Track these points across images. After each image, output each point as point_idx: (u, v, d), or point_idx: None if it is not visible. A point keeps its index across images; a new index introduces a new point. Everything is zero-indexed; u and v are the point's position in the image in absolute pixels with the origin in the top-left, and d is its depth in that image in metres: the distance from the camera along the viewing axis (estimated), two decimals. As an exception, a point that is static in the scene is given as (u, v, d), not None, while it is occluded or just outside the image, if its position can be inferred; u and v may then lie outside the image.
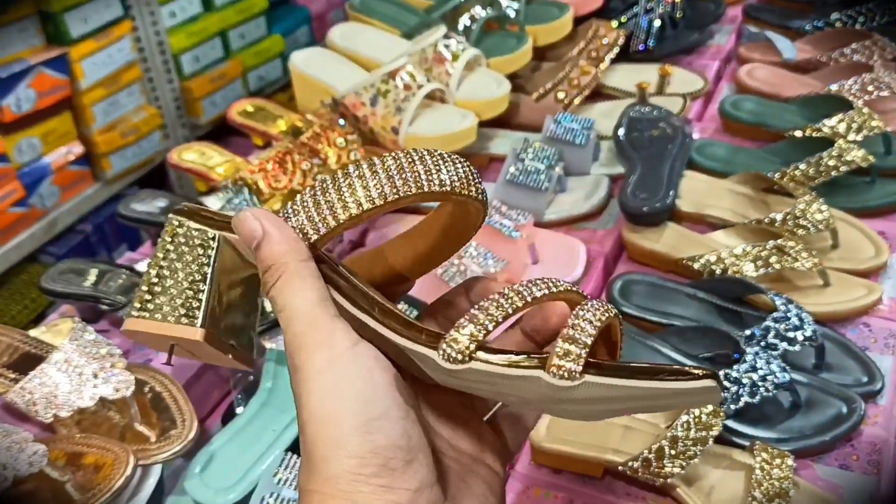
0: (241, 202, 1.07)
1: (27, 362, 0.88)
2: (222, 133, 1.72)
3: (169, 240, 0.47)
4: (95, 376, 0.84)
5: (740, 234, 1.09)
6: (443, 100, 1.27)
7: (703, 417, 0.81)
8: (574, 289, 0.45)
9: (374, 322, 0.44)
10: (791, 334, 0.90)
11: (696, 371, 0.39)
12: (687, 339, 0.95)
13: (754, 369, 0.86)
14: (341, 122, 1.19)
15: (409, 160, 0.44)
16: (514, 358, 0.41)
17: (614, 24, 1.49)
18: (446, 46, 1.29)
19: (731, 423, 0.85)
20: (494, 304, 0.43)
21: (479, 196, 0.46)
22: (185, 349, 0.49)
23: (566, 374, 0.40)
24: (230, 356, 0.48)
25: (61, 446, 0.82)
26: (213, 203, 1.13)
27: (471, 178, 0.46)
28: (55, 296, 1.01)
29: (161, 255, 0.47)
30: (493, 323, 0.42)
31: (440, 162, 0.45)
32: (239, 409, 0.94)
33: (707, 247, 1.07)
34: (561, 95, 1.36)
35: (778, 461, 0.80)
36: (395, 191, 0.43)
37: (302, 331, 0.41)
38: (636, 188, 1.13)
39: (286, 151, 1.14)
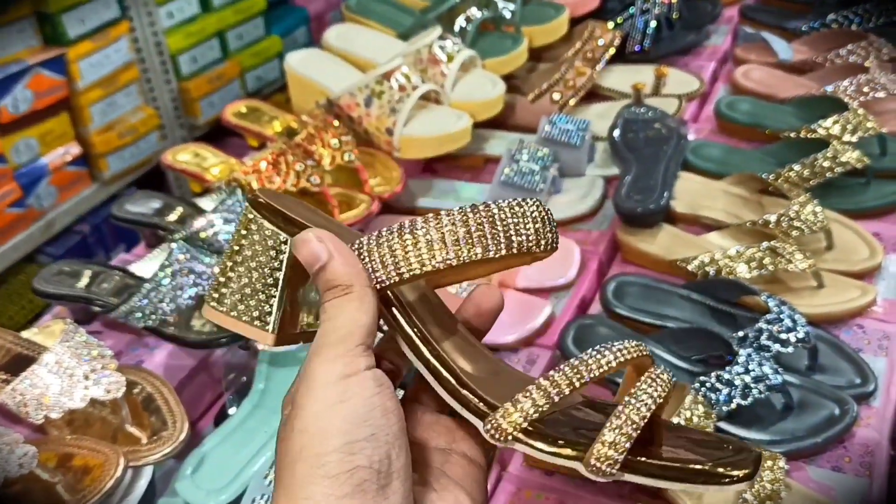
0: (235, 203, 1.07)
1: (19, 363, 0.88)
2: (220, 134, 1.72)
3: (244, 233, 0.49)
4: (86, 378, 0.84)
5: (735, 236, 1.08)
6: (438, 101, 1.27)
7: (695, 419, 0.81)
8: (643, 351, 0.47)
9: (428, 374, 0.46)
10: (784, 336, 0.90)
11: (733, 473, 0.41)
12: (680, 340, 0.95)
13: (747, 371, 0.86)
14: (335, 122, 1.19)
15: (490, 218, 0.44)
16: (557, 449, 0.43)
17: (610, 25, 1.49)
18: (441, 47, 1.29)
19: (723, 425, 0.85)
20: (552, 382, 0.45)
21: (554, 246, 0.48)
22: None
23: (601, 474, 0.43)
24: (301, 342, 0.50)
25: (52, 448, 0.82)
26: (207, 204, 1.13)
27: (547, 229, 0.47)
28: (47, 297, 1.01)
29: (236, 248, 0.49)
30: (548, 403, 0.44)
31: (520, 221, 0.45)
32: (231, 411, 0.94)
33: (701, 248, 1.07)
34: (556, 96, 1.36)
35: (770, 463, 0.79)
36: (471, 252, 0.44)
37: (332, 343, 0.43)
38: (631, 189, 1.13)
39: (280, 152, 1.14)
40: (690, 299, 1.01)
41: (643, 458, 0.43)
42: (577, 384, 0.45)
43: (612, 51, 1.42)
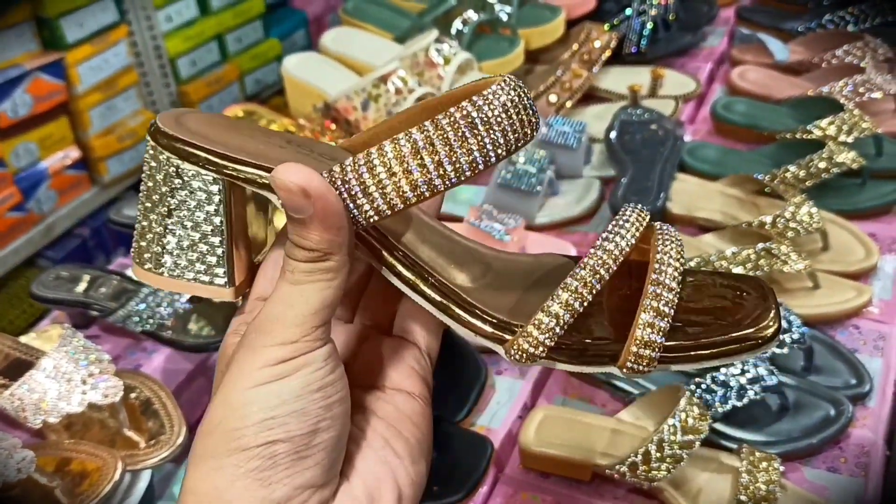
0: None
1: (17, 368, 0.89)
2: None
3: (159, 178, 0.42)
4: (84, 382, 0.85)
5: (731, 237, 1.09)
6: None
7: (690, 421, 0.81)
8: (645, 216, 0.46)
9: (433, 308, 0.43)
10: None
11: (763, 334, 0.42)
12: (676, 342, 0.95)
13: (742, 372, 0.86)
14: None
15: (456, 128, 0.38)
16: (584, 366, 0.42)
17: (607, 26, 1.49)
18: (438, 50, 1.29)
19: (718, 426, 0.85)
20: (573, 292, 0.41)
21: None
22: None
23: (639, 374, 0.41)
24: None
25: (50, 452, 0.83)
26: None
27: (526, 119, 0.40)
28: (46, 302, 1.01)
29: (155, 199, 0.42)
30: (572, 314, 0.41)
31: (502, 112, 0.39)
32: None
33: (697, 249, 1.07)
34: (553, 98, 1.36)
35: (765, 464, 0.80)
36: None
37: (279, 317, 0.38)
38: (627, 191, 1.14)
39: (278, 156, 1.14)
40: (686, 301, 1.01)
41: (675, 346, 0.41)
42: (598, 286, 0.42)
43: (608, 52, 1.43)
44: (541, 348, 0.41)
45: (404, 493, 0.41)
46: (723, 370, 0.87)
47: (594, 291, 0.42)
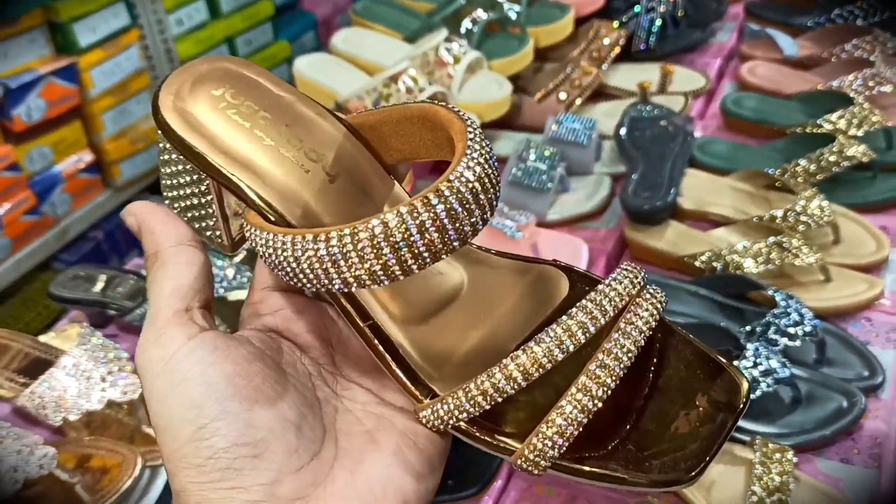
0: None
1: (37, 367, 0.90)
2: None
3: (164, 158, 0.45)
4: (103, 380, 0.86)
5: (742, 231, 1.09)
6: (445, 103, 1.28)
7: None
8: (636, 287, 0.41)
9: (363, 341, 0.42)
10: (791, 330, 0.91)
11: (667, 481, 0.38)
12: (688, 336, 0.96)
13: (755, 365, 0.87)
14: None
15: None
16: (492, 442, 0.40)
17: (616, 24, 1.50)
18: (448, 49, 1.30)
19: (731, 419, 0.86)
20: (505, 375, 0.39)
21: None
22: None
23: (530, 469, 0.40)
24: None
25: (70, 449, 0.84)
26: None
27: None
28: (63, 302, 1.02)
29: (166, 174, 0.45)
30: (489, 403, 0.39)
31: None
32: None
33: (708, 244, 1.08)
34: (563, 96, 1.37)
35: (778, 456, 0.80)
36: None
37: (146, 326, 0.39)
38: (638, 187, 1.14)
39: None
40: (698, 295, 1.02)
41: (577, 463, 0.39)
42: (537, 374, 0.39)
43: (617, 50, 1.43)
44: (453, 420, 0.40)
45: (409, 496, 0.40)
46: (735, 363, 0.87)
47: (529, 380, 0.39)
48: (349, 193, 0.45)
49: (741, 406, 0.39)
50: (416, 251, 0.35)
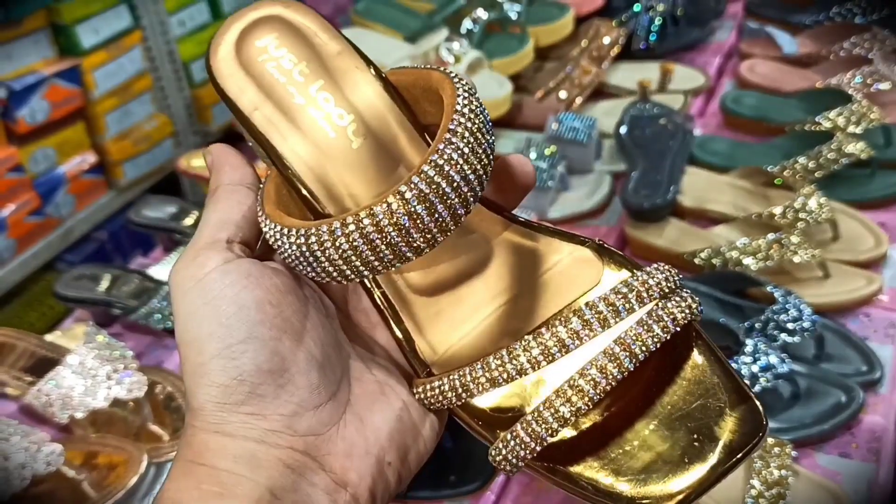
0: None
1: (43, 366, 0.91)
2: (233, 140, 1.74)
3: None
4: (109, 378, 0.87)
5: (741, 228, 1.10)
6: (446, 102, 1.29)
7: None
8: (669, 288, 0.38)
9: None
10: (790, 325, 0.91)
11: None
12: (688, 332, 0.97)
13: (754, 360, 0.88)
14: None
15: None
16: (476, 427, 0.40)
17: (615, 23, 1.51)
18: (448, 49, 1.31)
19: (731, 414, 0.86)
20: (486, 370, 0.38)
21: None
22: None
23: (503, 468, 0.38)
24: None
25: (77, 446, 0.85)
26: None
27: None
28: (69, 301, 1.03)
29: None
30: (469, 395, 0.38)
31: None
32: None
33: (708, 241, 1.08)
34: (563, 95, 1.38)
35: (777, 450, 0.81)
36: None
37: (186, 248, 0.40)
38: (638, 185, 1.15)
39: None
40: (698, 292, 1.02)
41: (554, 464, 0.37)
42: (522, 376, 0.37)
43: (617, 48, 1.44)
44: (444, 401, 0.39)
45: (410, 451, 0.41)
46: (734, 358, 0.88)
47: (526, 374, 0.37)
48: (374, 158, 0.43)
49: (756, 442, 0.36)
50: (414, 235, 0.34)
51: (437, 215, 0.34)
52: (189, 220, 1.15)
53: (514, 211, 0.46)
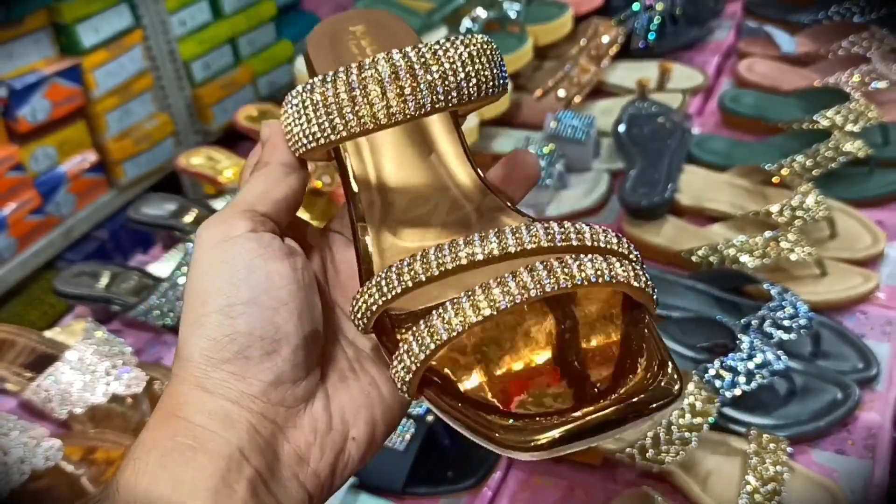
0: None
1: (43, 362, 0.91)
2: (233, 139, 1.75)
3: None
4: (108, 374, 0.87)
5: (739, 227, 1.10)
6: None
7: (698, 404, 0.82)
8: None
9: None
10: (786, 323, 0.92)
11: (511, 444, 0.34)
12: (685, 330, 0.97)
13: (750, 357, 0.88)
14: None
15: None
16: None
17: (614, 22, 1.51)
18: (447, 48, 1.31)
19: (727, 411, 0.87)
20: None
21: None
22: None
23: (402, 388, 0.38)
24: None
25: (76, 441, 0.85)
26: (221, 205, 1.16)
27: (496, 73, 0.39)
28: (69, 297, 1.04)
29: None
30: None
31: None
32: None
33: (706, 239, 1.09)
34: (562, 93, 1.38)
35: (773, 446, 0.81)
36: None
37: (220, 211, 0.42)
38: (636, 183, 1.15)
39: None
40: (695, 289, 1.03)
41: (443, 393, 0.37)
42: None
43: (616, 47, 1.44)
44: (372, 306, 0.39)
45: (378, 425, 0.42)
46: (730, 355, 0.88)
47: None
48: (407, 134, 0.46)
49: (660, 406, 0.34)
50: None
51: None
52: (189, 218, 1.15)
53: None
